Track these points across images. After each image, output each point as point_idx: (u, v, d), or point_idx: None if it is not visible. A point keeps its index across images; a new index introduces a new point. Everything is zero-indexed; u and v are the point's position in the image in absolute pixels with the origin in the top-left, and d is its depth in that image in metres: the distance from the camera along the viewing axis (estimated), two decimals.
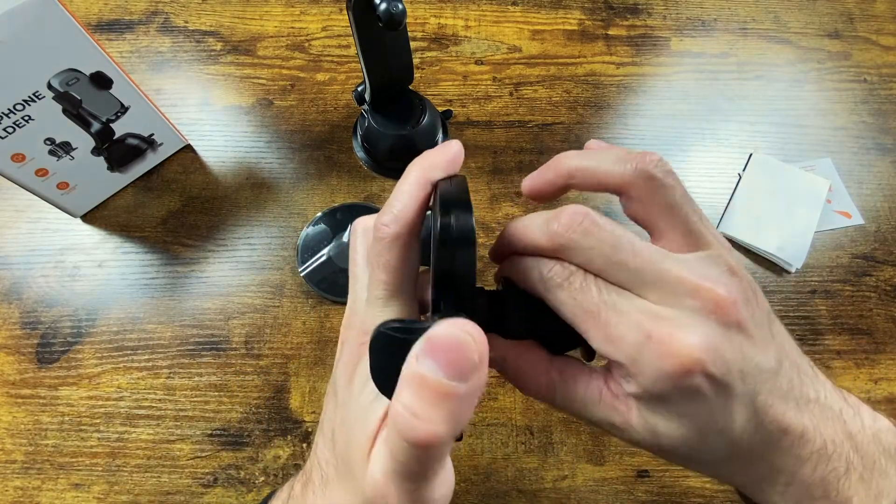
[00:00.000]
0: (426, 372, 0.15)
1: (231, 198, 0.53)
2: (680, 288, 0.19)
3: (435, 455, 0.17)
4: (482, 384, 0.16)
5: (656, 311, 0.19)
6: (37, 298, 0.48)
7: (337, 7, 0.64)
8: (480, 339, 0.16)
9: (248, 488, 0.42)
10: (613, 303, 0.19)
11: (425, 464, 0.17)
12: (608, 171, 0.21)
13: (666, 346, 0.18)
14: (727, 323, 0.19)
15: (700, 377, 0.18)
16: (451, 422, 0.16)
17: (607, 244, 0.19)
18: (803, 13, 0.66)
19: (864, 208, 0.54)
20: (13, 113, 0.41)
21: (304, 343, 0.47)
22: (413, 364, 0.16)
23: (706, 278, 0.19)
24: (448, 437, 0.16)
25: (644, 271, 0.19)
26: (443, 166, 0.21)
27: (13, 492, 0.41)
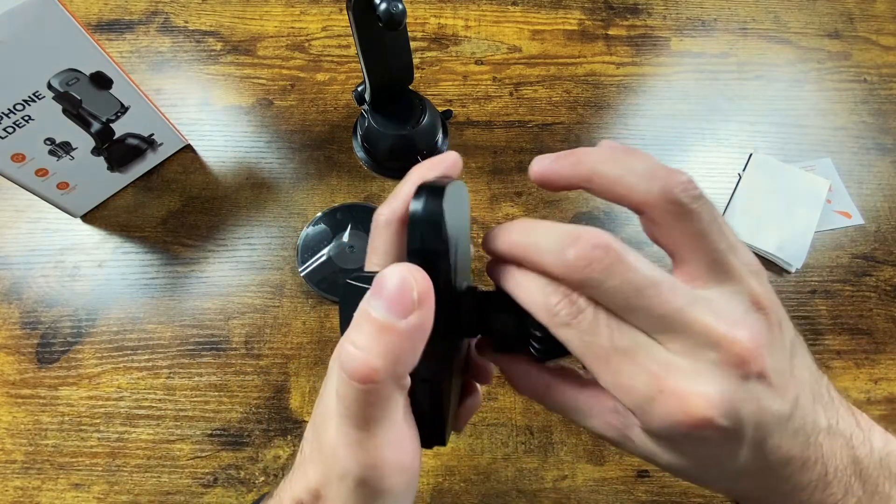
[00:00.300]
0: (371, 310, 0.17)
1: (231, 198, 0.53)
2: (703, 338, 0.18)
3: (377, 396, 0.18)
4: (423, 325, 0.18)
5: (672, 363, 0.18)
6: (37, 298, 0.48)
7: (337, 7, 0.64)
8: (423, 281, 0.17)
9: (248, 488, 0.42)
10: (627, 350, 0.18)
11: (367, 404, 0.18)
12: (631, 187, 0.19)
13: (678, 400, 0.17)
14: (747, 375, 0.18)
15: (711, 430, 0.17)
16: (390, 357, 0.17)
17: (631, 287, 0.18)
18: (803, 13, 0.66)
19: (864, 208, 0.54)
20: (13, 113, 0.41)
21: (304, 343, 0.47)
22: (362, 304, 0.18)
23: (731, 324, 0.18)
24: (386, 373, 0.17)
25: (668, 319, 0.18)
26: (439, 170, 0.22)
27: (13, 492, 0.41)
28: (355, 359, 0.17)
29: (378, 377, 0.17)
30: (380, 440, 0.19)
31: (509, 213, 0.53)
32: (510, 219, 0.52)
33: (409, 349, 0.18)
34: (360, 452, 0.19)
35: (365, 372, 0.17)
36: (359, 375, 0.17)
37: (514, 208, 0.53)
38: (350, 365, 0.17)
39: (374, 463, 0.19)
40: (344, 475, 0.19)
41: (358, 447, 0.19)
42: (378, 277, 0.18)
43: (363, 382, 0.17)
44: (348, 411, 0.18)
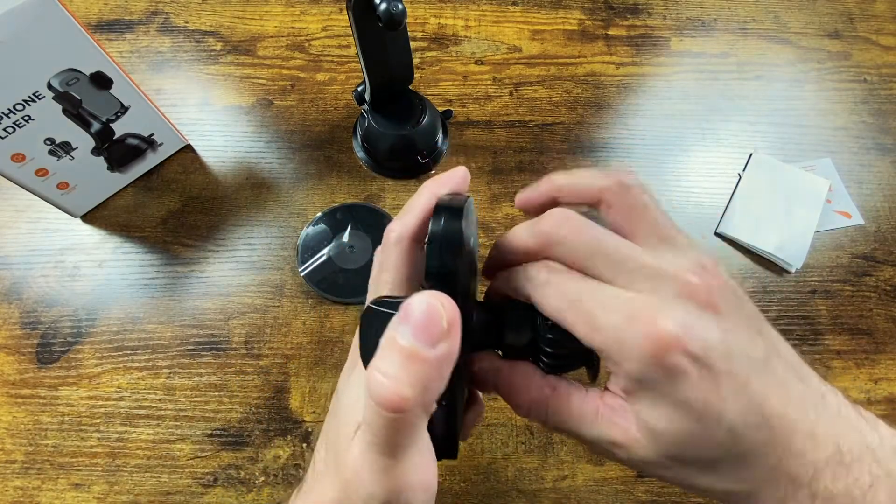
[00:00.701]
0: (398, 336, 0.17)
1: (231, 198, 0.53)
2: (657, 277, 0.20)
3: (405, 424, 0.18)
4: (452, 353, 0.18)
5: (638, 298, 0.20)
6: (37, 298, 0.48)
7: (337, 7, 0.64)
8: (451, 309, 0.18)
9: (248, 488, 0.42)
10: (595, 291, 0.20)
11: (395, 432, 0.18)
12: (589, 183, 0.23)
13: (646, 326, 0.19)
14: (701, 304, 0.19)
15: (679, 355, 0.18)
16: (420, 386, 0.17)
17: (589, 238, 0.21)
18: (803, 13, 0.66)
19: (864, 208, 0.54)
20: (13, 113, 0.41)
21: (304, 343, 0.47)
22: (389, 331, 0.18)
23: (680, 267, 0.20)
24: (416, 402, 0.17)
25: (624, 263, 0.20)
26: (450, 186, 0.23)
27: (13, 492, 0.41)
28: (385, 388, 0.17)
29: (408, 406, 0.17)
30: (406, 466, 0.19)
31: (509, 213, 0.53)
32: (510, 219, 0.52)
33: (437, 377, 0.18)
34: (385, 479, 0.19)
35: (395, 401, 0.17)
36: (389, 405, 0.17)
37: (514, 208, 0.53)
38: (379, 393, 0.17)
39: (401, 488, 0.19)
40: (369, 499, 0.19)
41: (384, 474, 0.19)
42: (406, 305, 0.18)
43: (393, 412, 0.17)
44: (376, 438, 0.18)
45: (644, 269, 0.20)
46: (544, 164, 0.55)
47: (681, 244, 0.21)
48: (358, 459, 0.19)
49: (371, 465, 0.19)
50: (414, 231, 0.23)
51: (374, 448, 0.19)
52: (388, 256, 0.23)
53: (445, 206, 0.20)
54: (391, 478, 0.19)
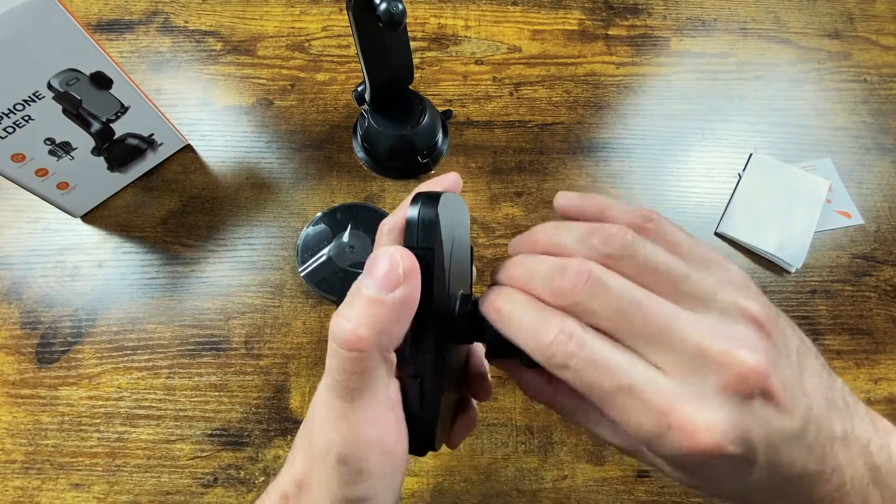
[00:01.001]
0: (361, 285, 0.20)
1: (231, 198, 0.53)
2: (699, 360, 0.17)
3: (361, 365, 0.19)
4: (408, 298, 0.19)
5: (676, 393, 0.17)
6: (37, 298, 0.48)
7: (337, 7, 0.64)
8: (408, 259, 0.19)
9: (248, 488, 0.42)
10: (629, 387, 0.18)
11: (352, 373, 0.19)
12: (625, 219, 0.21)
13: (687, 434, 0.17)
14: (751, 396, 0.17)
15: (722, 458, 0.17)
16: (376, 327, 0.19)
17: (613, 308, 0.18)
18: (803, 13, 0.66)
19: (864, 208, 0.54)
20: (13, 113, 0.41)
21: (304, 343, 0.47)
22: (355, 283, 0.20)
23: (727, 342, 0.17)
24: (372, 341, 0.19)
25: (658, 334, 0.18)
26: (440, 187, 0.24)
27: (13, 492, 0.41)
28: (342, 327, 0.19)
29: (364, 345, 0.19)
30: (363, 414, 0.20)
31: (509, 213, 0.53)
32: (510, 219, 0.52)
33: (394, 321, 0.19)
34: (342, 424, 0.20)
35: (352, 339, 0.19)
36: (346, 343, 0.19)
37: (514, 208, 0.53)
38: (339, 334, 0.19)
39: (356, 438, 0.20)
40: (327, 451, 0.20)
41: (342, 420, 0.20)
42: (370, 258, 0.20)
43: (350, 350, 0.19)
44: (335, 381, 0.20)
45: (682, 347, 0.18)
46: (544, 164, 0.55)
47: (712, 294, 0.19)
48: (320, 409, 0.21)
49: (329, 411, 0.20)
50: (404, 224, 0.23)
51: (332, 391, 0.20)
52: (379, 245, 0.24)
53: (423, 193, 0.22)
54: (346, 424, 0.20)
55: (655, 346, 0.18)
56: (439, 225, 0.21)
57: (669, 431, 0.17)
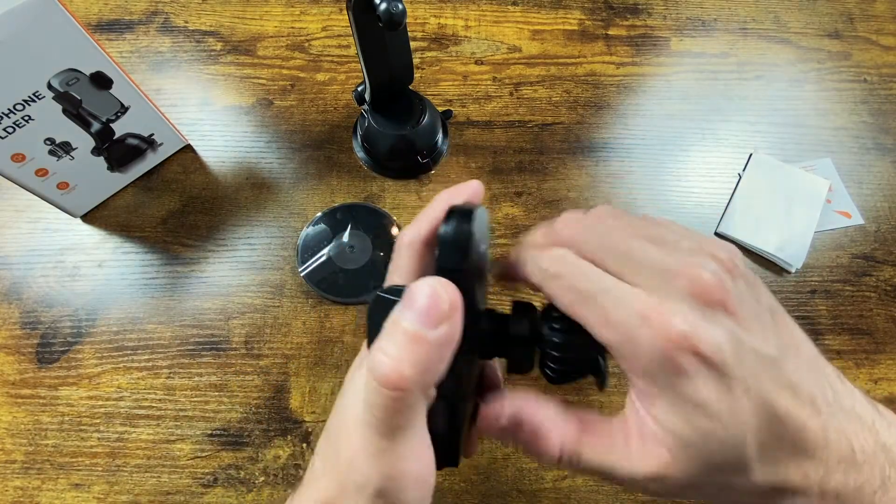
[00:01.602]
0: (401, 319, 0.18)
1: (231, 198, 0.53)
2: (668, 273, 0.20)
3: (404, 404, 0.18)
4: (452, 336, 0.19)
5: (651, 296, 0.20)
6: (37, 298, 0.48)
7: (337, 7, 0.64)
8: (453, 293, 0.19)
9: (248, 488, 0.42)
10: (609, 288, 0.20)
11: (394, 412, 0.18)
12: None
13: (657, 326, 0.19)
14: (711, 303, 0.19)
15: (689, 355, 0.18)
16: (420, 366, 0.18)
17: (602, 236, 0.21)
18: (803, 13, 0.66)
19: (864, 208, 0.54)
20: (13, 113, 0.41)
21: (304, 343, 0.47)
22: (393, 315, 0.19)
23: (692, 264, 0.20)
24: (416, 381, 0.18)
25: (634, 257, 0.20)
26: (464, 197, 0.24)
27: (13, 492, 0.41)
28: (386, 366, 0.18)
29: (407, 385, 0.18)
30: (402, 451, 0.19)
31: (509, 212, 0.53)
32: (510, 219, 0.52)
33: (438, 359, 0.18)
34: (382, 462, 0.19)
35: (395, 379, 0.18)
36: (389, 382, 0.18)
37: (514, 208, 0.53)
38: (381, 371, 0.18)
39: (395, 474, 0.19)
40: (363, 485, 0.19)
41: (381, 456, 0.19)
42: (409, 289, 0.19)
43: (393, 389, 0.18)
44: (375, 419, 0.19)
45: (656, 264, 0.20)
46: (544, 164, 0.55)
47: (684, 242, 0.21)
48: (355, 444, 0.20)
49: (367, 447, 0.19)
50: (425, 236, 0.23)
51: (371, 429, 0.19)
52: (399, 258, 0.24)
53: (457, 209, 0.21)
54: (386, 461, 0.19)
55: (630, 265, 0.20)
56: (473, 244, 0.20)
57: (645, 322, 0.19)
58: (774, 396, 0.19)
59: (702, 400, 0.19)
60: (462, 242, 0.20)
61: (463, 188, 0.24)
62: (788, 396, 0.19)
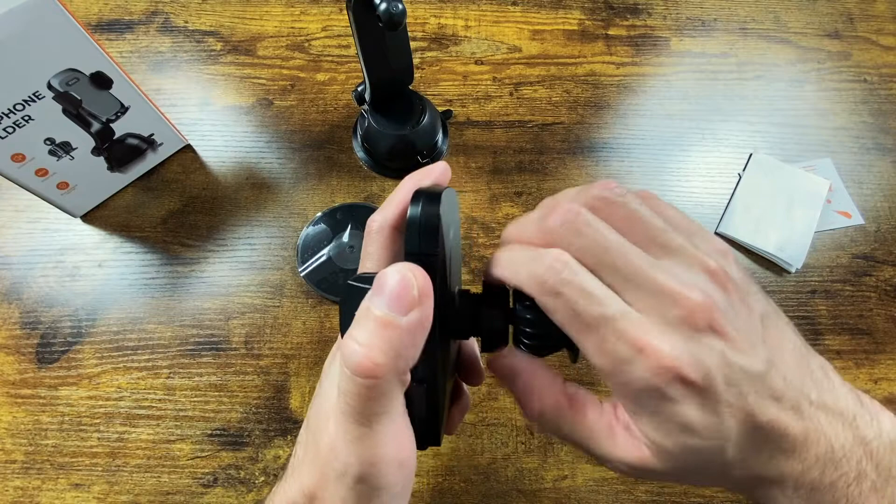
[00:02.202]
0: (372, 306, 0.18)
1: (231, 198, 0.53)
2: (664, 297, 0.19)
3: (378, 391, 0.18)
4: (423, 321, 0.18)
5: (646, 325, 0.19)
6: (37, 298, 0.48)
7: (337, 7, 0.64)
8: (422, 279, 0.18)
9: (248, 488, 0.42)
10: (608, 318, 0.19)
11: (368, 399, 0.18)
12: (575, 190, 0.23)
13: (652, 357, 0.19)
14: (700, 328, 0.19)
15: (677, 384, 0.19)
16: (392, 352, 0.18)
17: (599, 245, 0.20)
18: (803, 13, 0.66)
19: (864, 208, 0.54)
20: (13, 113, 0.41)
21: (304, 343, 0.47)
22: (364, 303, 0.18)
23: (685, 285, 0.19)
24: (388, 368, 0.18)
25: (634, 277, 0.20)
26: (431, 179, 0.24)
27: (13, 492, 0.41)
28: (358, 354, 0.18)
29: (380, 372, 0.18)
30: (380, 436, 0.19)
31: (509, 213, 0.53)
32: (510, 219, 0.52)
33: (410, 345, 0.18)
34: (360, 448, 0.19)
35: (368, 367, 0.18)
36: (362, 370, 0.18)
37: (514, 208, 0.53)
38: (353, 360, 0.18)
39: (374, 459, 0.19)
40: (343, 472, 0.19)
41: (358, 443, 0.19)
42: (379, 276, 0.19)
43: (366, 377, 0.18)
44: (350, 407, 0.19)
45: (650, 284, 0.20)
46: (544, 164, 0.55)
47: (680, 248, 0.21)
48: (332, 432, 0.20)
49: (345, 434, 0.19)
50: (394, 220, 0.23)
51: (348, 416, 0.19)
52: (369, 245, 0.24)
53: (423, 191, 0.21)
54: (365, 447, 0.19)
55: (627, 284, 0.20)
56: (442, 226, 0.20)
57: (639, 356, 0.19)
58: (759, 410, 0.19)
59: (687, 422, 0.19)
60: (430, 226, 0.20)
61: (430, 171, 0.24)
62: (772, 406, 0.20)
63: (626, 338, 0.19)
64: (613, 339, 0.19)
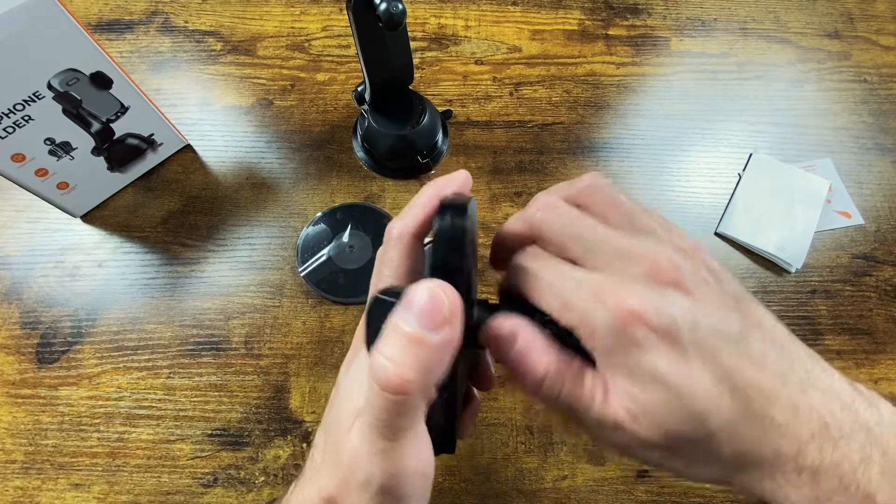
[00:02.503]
0: (402, 322, 0.18)
1: (231, 198, 0.53)
2: (627, 258, 0.21)
3: (406, 407, 0.18)
4: (453, 339, 0.19)
5: (608, 280, 0.20)
6: (37, 298, 0.48)
7: (337, 7, 0.64)
8: (453, 296, 0.18)
9: (248, 488, 0.42)
10: (567, 273, 0.21)
11: (396, 415, 0.18)
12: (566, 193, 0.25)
13: (610, 303, 0.19)
14: (664, 282, 0.20)
15: (643, 327, 0.19)
16: (421, 370, 0.18)
17: (566, 221, 0.22)
18: (803, 13, 0.66)
19: (864, 208, 0.54)
20: (13, 113, 0.41)
21: (304, 343, 0.47)
22: (393, 317, 0.18)
23: (650, 250, 0.20)
24: (417, 385, 0.18)
25: (597, 245, 0.21)
26: (452, 188, 0.24)
27: (13, 492, 0.41)
28: (388, 370, 0.18)
29: (410, 389, 0.18)
30: (405, 450, 0.19)
31: (509, 213, 0.53)
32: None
33: (439, 362, 0.18)
34: (385, 461, 0.19)
35: (398, 383, 0.18)
36: (392, 387, 0.18)
37: (513, 208, 0.53)
38: (383, 376, 0.18)
39: (398, 471, 0.19)
40: (367, 482, 0.19)
41: (384, 456, 0.19)
42: (409, 291, 0.18)
43: (396, 393, 0.18)
44: (377, 420, 0.19)
45: (616, 251, 0.21)
46: (544, 164, 0.55)
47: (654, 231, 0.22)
48: (356, 442, 0.20)
49: (370, 448, 0.19)
50: (415, 229, 0.23)
51: (374, 430, 0.19)
52: (388, 252, 0.24)
53: (450, 204, 0.21)
54: (389, 460, 0.19)
55: (594, 254, 0.21)
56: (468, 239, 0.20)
57: (601, 304, 0.20)
58: (738, 368, 0.19)
59: (656, 370, 0.19)
60: (457, 239, 0.20)
61: (452, 179, 0.24)
62: (753, 369, 0.19)
63: (585, 288, 0.20)
64: (572, 292, 0.20)
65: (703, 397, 0.19)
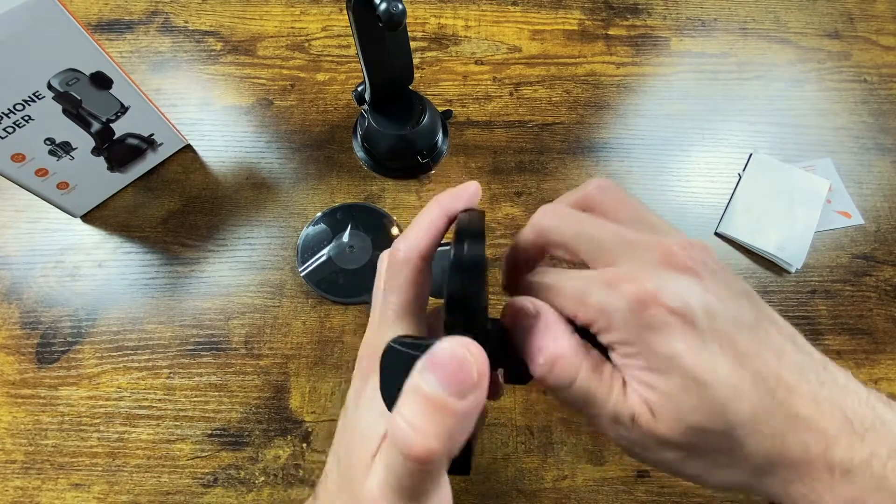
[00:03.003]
0: (426, 386, 0.17)
1: (231, 198, 0.53)
2: (638, 249, 0.21)
3: (430, 472, 0.17)
4: (480, 404, 0.17)
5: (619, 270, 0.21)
6: (37, 298, 0.48)
7: (337, 7, 0.64)
8: (481, 359, 0.17)
9: (248, 488, 0.42)
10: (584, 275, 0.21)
11: (420, 480, 0.17)
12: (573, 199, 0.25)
13: (625, 289, 0.19)
14: (678, 268, 0.20)
15: (660, 309, 0.19)
16: (447, 438, 0.16)
17: (576, 220, 0.23)
18: (803, 13, 0.66)
19: (864, 208, 0.54)
20: (13, 113, 0.41)
21: (304, 343, 0.47)
22: (415, 378, 0.17)
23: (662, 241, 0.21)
24: (443, 453, 0.16)
25: (608, 240, 0.21)
26: (462, 201, 0.24)
27: (13, 492, 0.41)
28: (411, 438, 0.16)
29: (435, 458, 0.17)
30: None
31: (509, 213, 0.53)
32: (510, 219, 0.52)
33: (465, 427, 0.17)
34: None
35: (422, 454, 0.16)
36: (415, 456, 0.17)
37: (513, 208, 0.53)
38: (405, 444, 0.17)
39: None
40: None
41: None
42: (434, 351, 0.17)
43: (420, 463, 0.17)
44: (399, 483, 0.18)
45: (628, 243, 0.21)
46: (544, 164, 0.55)
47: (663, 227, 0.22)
48: (377, 497, 0.19)
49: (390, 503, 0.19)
50: (421, 250, 0.22)
51: (395, 493, 0.18)
52: (394, 277, 0.22)
53: (466, 229, 0.20)
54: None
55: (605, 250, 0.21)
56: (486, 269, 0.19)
57: (613, 292, 0.20)
58: (758, 356, 0.19)
59: (675, 354, 0.18)
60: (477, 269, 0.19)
61: (460, 193, 0.23)
62: (772, 358, 0.19)
63: (603, 282, 0.20)
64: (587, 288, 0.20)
65: (724, 385, 0.18)
